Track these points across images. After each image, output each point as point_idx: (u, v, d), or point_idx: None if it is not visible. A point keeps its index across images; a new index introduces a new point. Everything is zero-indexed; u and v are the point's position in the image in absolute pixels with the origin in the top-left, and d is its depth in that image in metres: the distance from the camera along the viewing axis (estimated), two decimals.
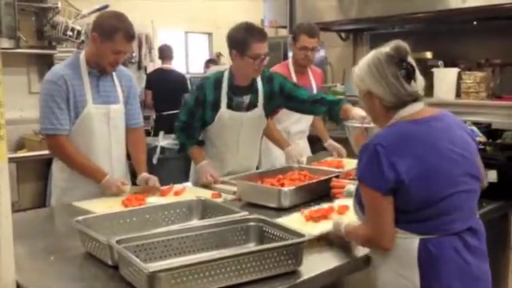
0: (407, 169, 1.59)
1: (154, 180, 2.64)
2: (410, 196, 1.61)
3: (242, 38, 2.73)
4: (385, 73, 1.69)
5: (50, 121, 2.53)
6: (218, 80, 2.88)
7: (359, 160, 1.68)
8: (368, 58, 1.76)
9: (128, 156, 2.86)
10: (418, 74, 1.74)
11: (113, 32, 2.48)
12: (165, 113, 6.15)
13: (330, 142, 3.68)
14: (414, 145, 1.63)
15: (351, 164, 3.02)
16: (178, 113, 3.08)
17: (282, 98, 2.99)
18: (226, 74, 2.88)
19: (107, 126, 2.64)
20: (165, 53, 6.46)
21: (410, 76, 1.70)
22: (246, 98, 2.91)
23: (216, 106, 2.87)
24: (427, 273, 1.64)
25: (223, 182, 2.79)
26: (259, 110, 2.95)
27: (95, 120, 2.60)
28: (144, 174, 2.70)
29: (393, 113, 1.72)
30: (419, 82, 1.74)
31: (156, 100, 6.32)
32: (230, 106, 2.87)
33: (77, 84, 2.55)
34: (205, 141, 3.02)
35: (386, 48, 1.73)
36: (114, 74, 2.69)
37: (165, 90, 6.19)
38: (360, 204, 1.74)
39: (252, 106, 2.93)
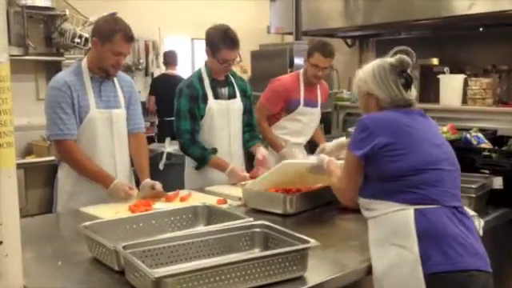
0: (387, 142, 1.80)
1: (159, 185, 2.67)
2: (389, 163, 1.79)
3: (215, 41, 2.95)
4: (387, 78, 1.92)
5: (58, 126, 2.56)
6: (199, 76, 3.08)
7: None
8: (373, 64, 1.96)
9: (131, 162, 2.87)
10: (413, 86, 1.95)
11: (111, 34, 2.54)
12: (168, 118, 6.16)
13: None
14: (398, 126, 1.85)
15: None
16: (177, 128, 3.04)
17: (247, 107, 3.21)
18: (204, 69, 3.08)
19: (110, 130, 2.68)
20: (169, 58, 6.47)
21: (407, 85, 1.93)
22: (225, 91, 3.11)
23: (205, 99, 3.03)
24: (426, 241, 1.71)
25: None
26: (239, 101, 3.15)
27: (98, 125, 2.63)
28: (148, 180, 2.72)
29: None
30: (413, 93, 1.96)
31: (159, 105, 6.32)
32: (215, 97, 3.06)
33: (80, 89, 2.60)
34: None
35: (392, 58, 1.95)
36: (115, 79, 2.73)
37: (168, 95, 6.18)
38: None
39: (231, 97, 3.14)
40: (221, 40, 2.92)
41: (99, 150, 2.65)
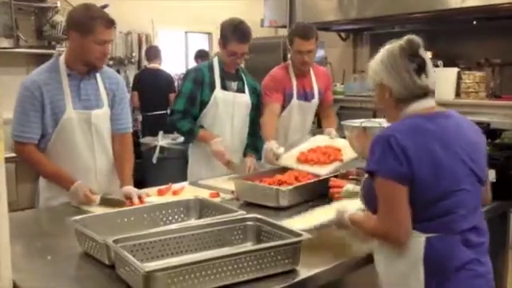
0: (419, 163, 1.59)
1: (136, 196, 2.43)
2: (419, 191, 1.60)
3: (226, 33, 3.02)
4: (397, 65, 1.72)
5: (18, 128, 2.44)
6: (210, 65, 3.15)
7: (371, 153, 1.67)
8: (383, 51, 1.79)
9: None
10: (430, 68, 1.75)
11: (90, 23, 2.36)
12: (151, 113, 6.13)
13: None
14: (426, 139, 1.64)
15: (348, 150, 2.81)
16: (174, 104, 3.13)
17: (255, 103, 3.23)
18: (216, 60, 3.16)
19: (89, 132, 2.50)
20: (151, 53, 6.37)
21: (420, 70, 1.72)
22: (234, 85, 3.15)
23: (212, 86, 3.07)
24: (433, 271, 1.63)
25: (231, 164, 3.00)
26: (246, 96, 3.18)
27: (76, 126, 2.46)
28: (130, 188, 2.50)
29: (402, 106, 1.74)
30: (431, 77, 1.75)
31: (143, 100, 6.21)
32: (223, 87, 3.10)
33: (54, 88, 2.43)
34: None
35: (401, 42, 1.76)
36: (98, 75, 2.55)
37: (152, 90, 6.13)
38: (369, 202, 1.74)
39: (240, 91, 3.17)
40: (231, 32, 2.99)
41: (78, 154, 2.49)
